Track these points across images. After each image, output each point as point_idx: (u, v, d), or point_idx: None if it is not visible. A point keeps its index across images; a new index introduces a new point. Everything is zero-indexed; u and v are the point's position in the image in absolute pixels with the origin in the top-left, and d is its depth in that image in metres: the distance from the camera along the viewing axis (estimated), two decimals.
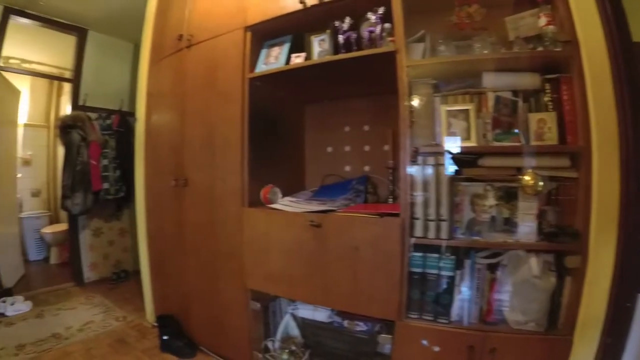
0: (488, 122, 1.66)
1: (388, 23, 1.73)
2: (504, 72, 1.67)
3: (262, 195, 2.19)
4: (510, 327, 1.58)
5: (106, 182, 3.91)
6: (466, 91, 1.72)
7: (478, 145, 1.65)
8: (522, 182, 1.55)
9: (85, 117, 3.79)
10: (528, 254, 1.58)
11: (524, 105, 1.66)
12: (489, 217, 1.64)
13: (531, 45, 1.64)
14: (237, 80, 2.14)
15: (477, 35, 1.73)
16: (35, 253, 5.01)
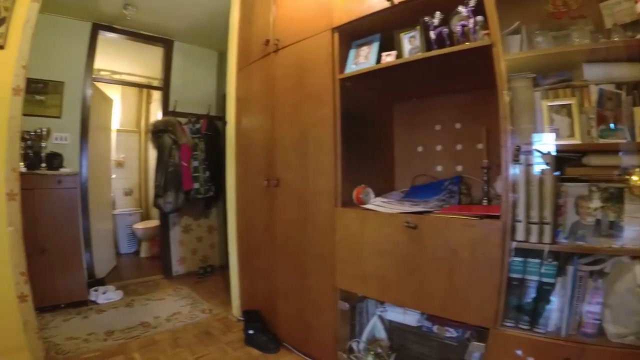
0: (592, 117, 1.54)
1: (480, 16, 1.65)
2: (605, 63, 1.55)
3: (355, 196, 2.22)
4: (609, 339, 1.44)
5: (196, 182, 4.19)
6: (567, 85, 1.61)
7: (582, 142, 1.54)
8: (630, 183, 1.42)
9: (175, 121, 4.11)
10: (633, 260, 1.44)
11: (628, 98, 1.53)
12: (594, 220, 1.51)
13: (630, 33, 1.50)
14: (327, 81, 2.18)
15: (574, 24, 1.62)
16: (126, 247, 5.47)
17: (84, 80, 3.79)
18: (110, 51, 4.39)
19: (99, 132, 4.30)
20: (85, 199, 3.79)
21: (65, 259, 3.23)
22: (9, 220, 2.18)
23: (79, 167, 3.73)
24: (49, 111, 3.57)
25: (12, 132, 2.20)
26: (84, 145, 3.81)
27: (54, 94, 3.60)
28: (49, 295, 3.13)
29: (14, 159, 2.20)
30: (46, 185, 3.16)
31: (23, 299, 2.21)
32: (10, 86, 2.21)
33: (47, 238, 3.13)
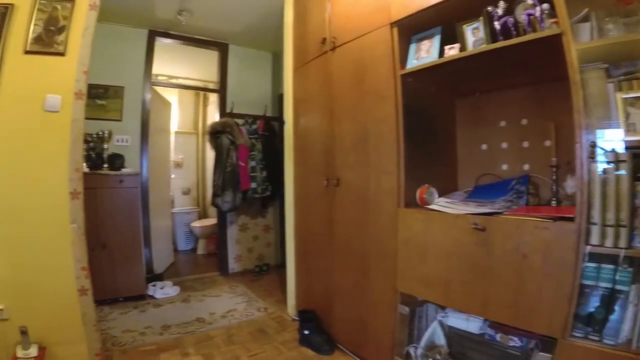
0: None
1: (546, 3, 1.55)
2: None
3: (419, 196, 2.12)
4: None
5: (254, 181, 4.25)
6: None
7: None
8: None
9: (233, 122, 4.18)
10: None
11: None
12: None
13: None
14: (388, 77, 2.12)
15: None
16: (184, 244, 5.69)
17: (143, 84, 3.97)
18: (167, 56, 4.58)
19: (159, 134, 4.50)
20: (146, 197, 3.97)
21: (125, 254, 3.39)
22: (72, 217, 2.30)
23: (139, 167, 3.92)
24: (110, 115, 3.77)
25: (75, 134, 2.32)
26: (144, 146, 3.99)
27: (115, 98, 3.80)
28: (108, 289, 3.30)
29: (77, 159, 2.32)
30: (108, 185, 3.33)
31: (83, 292, 2.33)
32: (72, 91, 2.33)
33: (108, 234, 3.31)
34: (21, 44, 2.27)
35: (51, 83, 2.32)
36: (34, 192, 2.27)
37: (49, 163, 2.29)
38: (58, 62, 2.33)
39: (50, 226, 2.30)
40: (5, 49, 2.23)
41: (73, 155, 2.32)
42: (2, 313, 2.17)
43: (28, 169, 2.27)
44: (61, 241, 2.30)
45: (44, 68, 2.32)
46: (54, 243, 2.29)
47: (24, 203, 2.25)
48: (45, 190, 2.29)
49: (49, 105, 2.30)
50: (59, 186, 2.29)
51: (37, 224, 2.28)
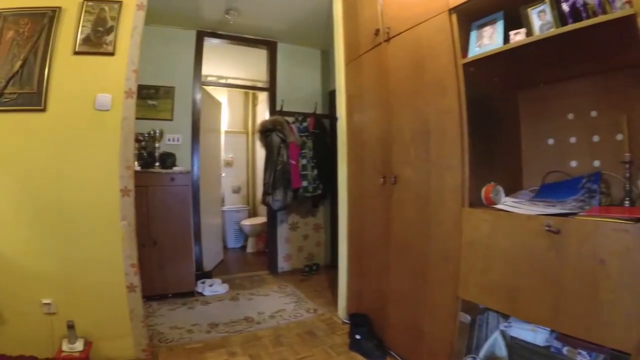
0: None
1: None
2: None
3: (484, 195, 1.93)
4: None
5: (305, 180, 4.19)
6: None
7: None
8: None
9: (283, 120, 4.15)
10: None
11: None
12: None
13: None
14: (449, 67, 1.97)
15: None
16: (233, 241, 5.77)
17: (193, 84, 4.03)
18: (216, 57, 4.65)
19: (209, 134, 4.57)
20: (197, 195, 4.03)
21: (175, 251, 3.44)
22: (123, 215, 2.34)
23: (190, 166, 3.98)
24: (161, 114, 3.86)
25: (125, 132, 2.36)
26: (195, 145, 4.05)
27: (166, 98, 3.89)
28: (158, 285, 3.37)
29: (127, 157, 2.36)
30: (159, 183, 3.40)
31: (132, 289, 2.36)
32: (123, 89, 2.37)
33: (159, 231, 3.37)
34: (70, 45, 2.33)
35: (101, 82, 2.37)
36: (85, 189, 2.33)
37: (100, 161, 2.34)
38: (107, 61, 2.38)
39: (101, 223, 2.35)
40: (54, 51, 2.31)
41: (124, 153, 2.35)
42: (50, 307, 2.24)
43: (79, 167, 2.33)
44: (111, 238, 2.34)
45: (94, 68, 2.37)
46: (104, 239, 2.34)
47: (75, 200, 2.32)
48: (95, 188, 2.34)
49: (100, 104, 2.35)
50: (110, 184, 2.33)
51: (88, 220, 2.34)
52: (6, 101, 2.28)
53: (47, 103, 2.28)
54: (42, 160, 2.30)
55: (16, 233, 2.25)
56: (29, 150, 2.29)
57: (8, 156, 2.27)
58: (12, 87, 2.28)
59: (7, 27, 2.32)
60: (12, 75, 2.31)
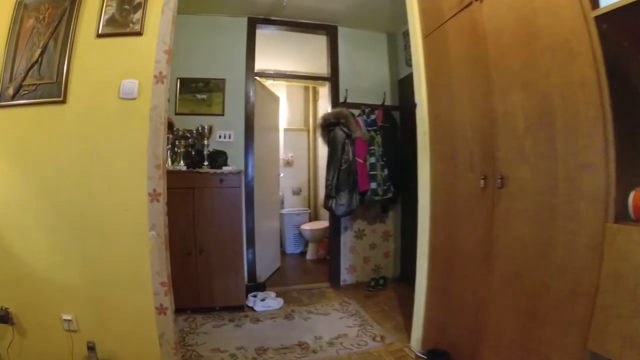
0: None
1: None
2: None
3: (633, 203, 1.26)
4: None
5: (373, 181, 3.58)
6: None
7: None
8: None
9: (348, 113, 3.60)
10: None
11: None
12: None
13: None
14: (575, 23, 1.36)
15: None
16: (292, 247, 5.35)
17: (246, 76, 3.67)
18: (271, 49, 4.23)
19: (266, 130, 4.19)
20: (251, 197, 3.67)
21: (224, 260, 3.08)
22: (151, 223, 1.98)
23: (243, 165, 3.62)
24: (211, 109, 3.55)
25: (154, 124, 2.00)
26: (249, 143, 3.68)
27: (216, 91, 3.57)
28: (204, 297, 3.04)
29: (157, 154, 1.99)
30: (207, 184, 3.06)
31: (162, 311, 2.00)
32: (152, 74, 2.02)
33: (206, 238, 3.03)
34: (93, 28, 2.08)
35: (127, 67, 2.05)
36: (108, 193, 2.03)
37: (125, 159, 2.01)
38: (135, 43, 2.06)
39: (126, 232, 2.02)
40: (76, 36, 2.08)
41: (152, 149, 1.99)
42: (71, 324, 2.00)
43: (102, 167, 2.04)
44: (138, 250, 2.00)
45: (119, 51, 2.07)
46: (129, 252, 2.01)
47: (97, 205, 2.03)
48: (120, 191, 2.02)
49: (125, 92, 2.02)
50: (136, 186, 1.99)
51: (112, 229, 2.03)
52: (25, 94, 2.10)
53: (68, 93, 2.04)
54: (62, 159, 2.06)
55: (36, 239, 2.04)
56: (48, 148, 2.07)
57: (26, 154, 2.09)
58: (31, 78, 2.09)
59: (27, 16, 2.16)
60: (31, 65, 2.11)
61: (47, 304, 2.01)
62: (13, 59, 2.12)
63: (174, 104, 3.49)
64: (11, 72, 2.11)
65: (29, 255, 2.04)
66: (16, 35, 2.15)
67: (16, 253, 2.05)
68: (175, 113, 3.49)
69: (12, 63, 2.12)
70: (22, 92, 2.09)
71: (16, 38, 2.16)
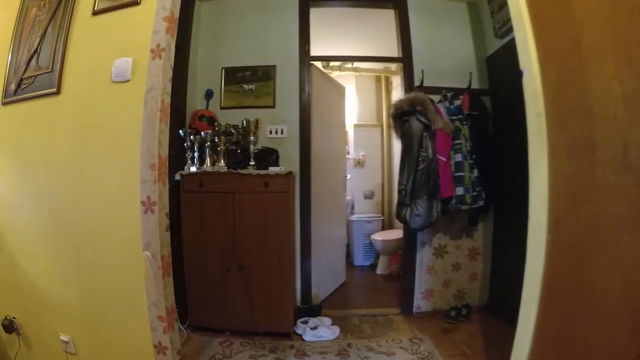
0: None
1: None
2: None
3: None
4: None
5: (460, 185, 2.80)
6: None
7: None
8: None
9: (425, 98, 2.88)
10: None
11: None
12: None
13: None
14: None
15: None
16: (361, 258, 4.73)
17: (300, 61, 3.16)
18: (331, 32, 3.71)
19: (328, 125, 3.66)
20: (307, 203, 3.15)
21: (269, 279, 2.61)
22: (145, 241, 1.54)
23: (299, 164, 3.12)
24: (260, 101, 3.09)
25: (149, 112, 1.57)
26: (306, 139, 3.16)
27: (265, 80, 3.11)
28: (244, 320, 2.62)
29: (151, 150, 1.55)
30: (249, 188, 2.60)
31: (161, 350, 1.55)
32: (148, 47, 1.58)
33: (248, 253, 2.59)
34: (89, 5, 1.77)
35: (122, 44, 1.68)
36: (100, 200, 1.66)
37: (116, 158, 1.61)
38: (131, 14, 1.68)
39: (118, 250, 1.62)
40: (73, 17, 1.79)
41: (147, 143, 1.55)
42: (69, 345, 1.76)
43: (94, 168, 1.68)
44: (132, 273, 1.58)
45: (114, 27, 1.72)
46: (122, 275, 1.61)
47: (90, 214, 1.69)
48: (111, 198, 1.63)
49: (117, 74, 1.62)
50: (128, 192, 1.57)
51: (104, 244, 1.67)
52: (25, 87, 1.93)
53: (62, 83, 1.80)
54: (56, 159, 1.76)
55: (35, 247, 1.83)
56: (42, 147, 1.85)
57: (23, 154, 1.87)
58: (30, 70, 1.89)
59: (30, 5, 1.97)
60: (31, 55, 1.89)
61: (47, 317, 1.84)
62: (17, 51, 1.94)
63: (218, 97, 3.12)
64: (16, 65, 1.93)
65: (28, 264, 1.85)
66: (21, 27, 1.97)
67: (17, 259, 1.86)
68: (220, 107, 3.11)
69: (16, 56, 1.93)
70: (23, 85, 1.91)
71: (20, 30, 1.96)
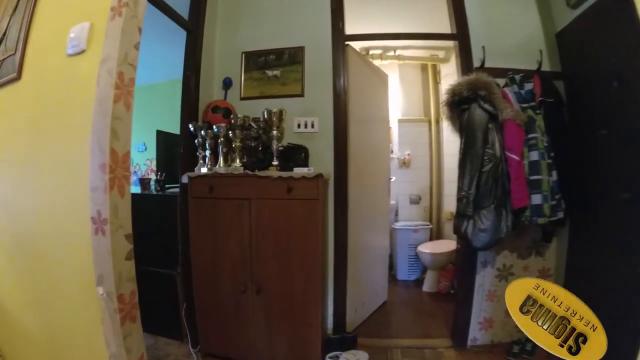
0: None
1: None
2: None
3: None
4: None
5: (536, 192, 2.14)
6: None
7: None
8: None
9: (491, 80, 2.25)
10: None
11: None
12: None
13: None
14: None
15: None
16: (405, 272, 4.12)
17: (332, 41, 2.64)
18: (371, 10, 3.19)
19: (368, 118, 3.12)
20: (343, 210, 2.63)
21: (292, 305, 2.16)
22: (97, 273, 1.10)
23: (333, 165, 2.61)
24: (287, 89, 2.61)
25: (103, 90, 1.12)
26: (342, 134, 2.64)
27: (292, 64, 2.62)
28: (260, 350, 2.20)
29: (103, 145, 1.10)
30: (269, 194, 2.16)
31: None
32: (108, 5, 1.14)
33: (267, 272, 2.15)
34: None
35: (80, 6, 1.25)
36: (51, 213, 1.23)
37: (64, 157, 1.18)
38: None
39: (74, 281, 1.19)
40: None
41: (97, 135, 1.11)
42: None
43: (47, 171, 1.28)
44: (89, 314, 1.13)
45: None
46: (82, 313, 1.17)
47: (44, 232, 1.25)
48: (61, 212, 1.20)
49: (72, 44, 1.22)
50: (77, 205, 1.14)
51: (58, 272, 1.23)
52: None
53: (24, 66, 1.50)
54: (15, 160, 1.39)
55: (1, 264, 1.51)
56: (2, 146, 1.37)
57: None
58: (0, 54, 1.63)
59: None
60: (1, 37, 1.64)
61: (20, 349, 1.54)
62: None
63: (238, 87, 2.68)
64: None
65: None
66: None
67: None
68: (240, 98, 2.67)
69: None
70: None
71: None
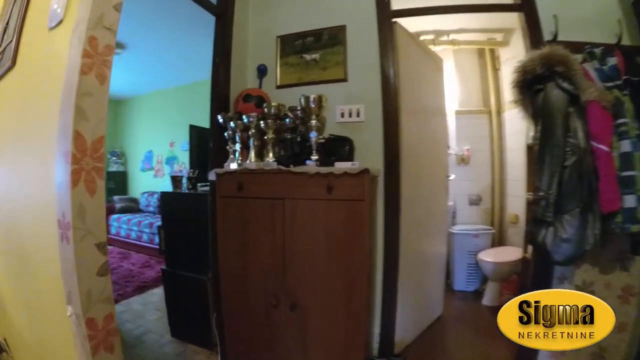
0: None
1: None
2: None
3: None
4: None
5: (629, 192, 1.71)
6: None
7: None
8: None
9: (568, 54, 1.79)
10: None
11: None
12: None
13: None
14: None
15: None
16: (463, 282, 3.67)
17: (377, 18, 2.28)
18: None
19: (422, 108, 2.75)
20: (395, 213, 2.29)
21: (331, 319, 1.86)
22: (67, 289, 0.85)
23: (383, 160, 2.27)
24: (327, 74, 2.31)
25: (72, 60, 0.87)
26: (393, 124, 2.28)
27: (332, 46, 2.31)
28: None
29: (67, 132, 0.85)
30: (305, 193, 1.88)
31: None
32: None
33: (303, 285, 1.87)
34: None
35: None
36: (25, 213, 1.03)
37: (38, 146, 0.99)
38: None
39: (51, 293, 0.98)
40: None
41: (64, 119, 0.88)
42: None
43: (27, 164, 1.08)
44: (64, 336, 0.92)
45: None
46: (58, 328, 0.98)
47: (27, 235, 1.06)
48: (35, 212, 0.99)
49: (52, 16, 1.01)
50: (45, 203, 0.90)
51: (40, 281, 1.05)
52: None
53: (18, 53, 1.44)
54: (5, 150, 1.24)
55: None
56: None
57: None
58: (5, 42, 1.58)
59: None
60: (4, 29, 1.57)
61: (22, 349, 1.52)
62: None
63: (273, 74, 2.43)
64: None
65: None
66: None
67: None
68: (276, 86, 2.42)
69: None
70: None
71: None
